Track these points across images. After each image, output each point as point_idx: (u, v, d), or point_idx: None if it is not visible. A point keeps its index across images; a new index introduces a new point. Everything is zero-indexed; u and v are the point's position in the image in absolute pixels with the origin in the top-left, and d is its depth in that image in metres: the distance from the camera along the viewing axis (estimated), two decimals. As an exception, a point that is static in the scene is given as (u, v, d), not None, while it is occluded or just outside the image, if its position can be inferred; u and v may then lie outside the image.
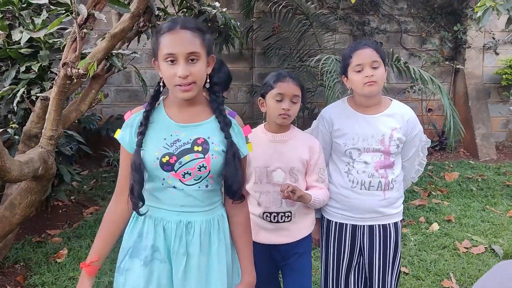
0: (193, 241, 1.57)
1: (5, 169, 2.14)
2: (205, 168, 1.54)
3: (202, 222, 1.59)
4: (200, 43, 1.51)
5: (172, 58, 1.47)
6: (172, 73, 1.48)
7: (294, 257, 2.08)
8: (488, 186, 5.09)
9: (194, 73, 1.48)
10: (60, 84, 2.41)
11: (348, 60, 2.05)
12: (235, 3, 6.31)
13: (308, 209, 2.10)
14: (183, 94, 1.50)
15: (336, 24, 6.12)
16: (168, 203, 1.58)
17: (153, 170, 1.53)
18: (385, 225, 2.13)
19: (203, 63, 1.52)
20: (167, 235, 1.58)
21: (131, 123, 1.58)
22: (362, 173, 2.08)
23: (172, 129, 1.56)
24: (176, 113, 1.59)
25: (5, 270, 3.23)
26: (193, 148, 1.54)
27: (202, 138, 1.55)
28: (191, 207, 1.58)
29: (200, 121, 1.58)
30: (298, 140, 2.05)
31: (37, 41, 3.24)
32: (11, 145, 3.36)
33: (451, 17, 6.72)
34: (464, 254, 3.49)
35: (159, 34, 1.53)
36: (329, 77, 4.34)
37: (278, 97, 1.96)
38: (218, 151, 1.55)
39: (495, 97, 6.90)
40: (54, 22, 2.26)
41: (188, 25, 1.51)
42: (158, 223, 1.58)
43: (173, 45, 1.48)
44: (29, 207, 2.71)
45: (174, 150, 1.53)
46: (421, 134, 2.17)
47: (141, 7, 2.64)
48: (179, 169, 1.53)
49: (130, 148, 1.56)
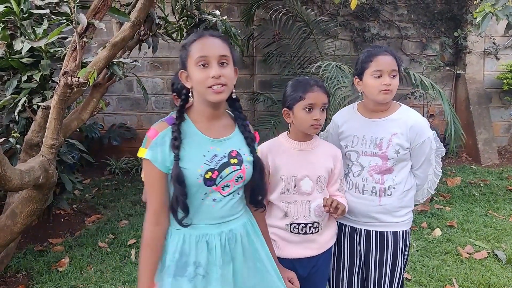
0: (236, 247, 1.64)
1: (6, 178, 2.15)
2: (241, 179, 1.63)
3: (239, 226, 1.67)
4: (229, 50, 1.58)
5: (204, 61, 1.51)
6: (204, 75, 1.51)
7: (315, 268, 2.02)
8: (491, 191, 5.08)
9: (226, 75, 1.53)
10: (61, 93, 2.42)
11: (367, 64, 2.03)
12: (236, 11, 6.35)
13: (332, 219, 2.07)
14: (215, 96, 1.53)
15: (336, 30, 6.14)
16: (207, 217, 1.61)
17: (196, 186, 1.56)
18: (382, 233, 2.09)
19: (232, 68, 1.58)
20: (210, 248, 1.60)
21: (161, 141, 1.55)
22: (357, 176, 2.08)
23: (208, 144, 1.59)
24: (206, 128, 1.62)
25: (7, 279, 3.23)
26: (230, 161, 1.60)
27: (235, 151, 1.63)
28: (229, 216, 1.64)
29: (229, 135, 1.65)
30: (322, 149, 2.02)
31: (38, 51, 3.27)
32: (13, 154, 3.37)
33: (451, 22, 6.74)
34: (467, 260, 3.47)
35: (188, 44, 1.57)
36: (330, 83, 4.35)
37: (308, 107, 1.90)
38: (249, 161, 1.65)
39: (497, 102, 6.89)
40: (54, 32, 2.28)
41: (217, 34, 1.60)
42: (200, 239, 1.60)
43: (205, 48, 1.53)
44: (30, 216, 2.71)
45: (215, 165, 1.57)
46: (431, 142, 2.08)
47: (141, 16, 2.66)
48: (220, 182, 1.58)
49: (163, 167, 1.54)
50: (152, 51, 3.77)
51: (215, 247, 1.60)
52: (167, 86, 6.27)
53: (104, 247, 3.74)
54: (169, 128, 1.56)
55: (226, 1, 6.06)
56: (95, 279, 3.23)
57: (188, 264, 1.59)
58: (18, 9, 3.02)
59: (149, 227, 1.60)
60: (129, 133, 6.11)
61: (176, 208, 1.55)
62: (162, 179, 1.56)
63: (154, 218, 1.59)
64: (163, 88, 6.31)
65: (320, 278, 2.06)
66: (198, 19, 4.03)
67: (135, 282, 3.17)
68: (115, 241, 3.87)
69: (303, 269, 1.99)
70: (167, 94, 6.28)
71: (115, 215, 4.46)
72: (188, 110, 1.64)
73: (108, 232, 4.03)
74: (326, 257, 2.07)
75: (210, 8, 5.67)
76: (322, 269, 2.05)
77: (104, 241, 3.85)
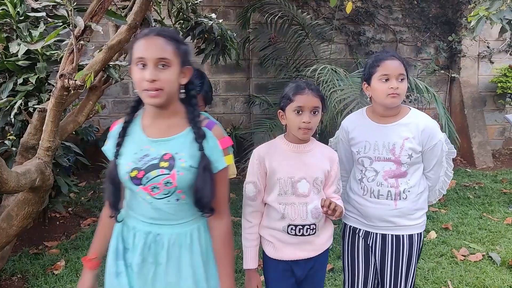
0: (162, 253, 1.60)
1: (2, 180, 2.15)
2: (171, 184, 1.54)
3: (172, 235, 1.59)
4: (173, 51, 1.51)
5: (142, 62, 1.49)
6: (140, 77, 1.49)
7: (312, 270, 2.03)
8: (485, 193, 5.11)
9: (162, 79, 1.48)
10: (58, 95, 2.42)
11: (374, 69, 2.04)
12: (232, 15, 6.37)
13: (329, 221, 2.07)
14: (150, 99, 1.50)
15: (331, 34, 6.17)
16: (140, 213, 1.62)
17: (126, 182, 1.58)
18: (398, 236, 2.09)
19: (174, 71, 1.51)
20: (135, 244, 1.62)
21: (113, 134, 1.63)
22: (371, 182, 2.08)
23: (143, 143, 1.58)
24: (149, 127, 1.60)
25: (2, 283, 3.22)
26: (159, 164, 1.54)
27: (170, 154, 1.55)
28: (161, 220, 1.60)
29: (171, 136, 1.57)
30: (319, 151, 2.03)
31: (34, 53, 3.26)
32: (8, 157, 3.36)
33: (445, 26, 6.79)
34: (462, 262, 3.49)
35: (134, 40, 1.57)
36: (325, 86, 4.37)
37: (297, 110, 1.91)
38: (184, 167, 1.53)
39: (491, 105, 6.94)
40: (51, 34, 2.28)
41: (163, 33, 1.53)
42: (130, 230, 1.64)
43: (144, 50, 1.49)
44: (26, 219, 2.71)
45: (142, 165, 1.54)
46: (443, 145, 2.09)
47: (138, 19, 2.66)
48: (147, 183, 1.55)
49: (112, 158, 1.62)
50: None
51: (138, 244, 1.61)
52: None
53: (99, 250, 3.73)
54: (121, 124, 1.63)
55: (222, 5, 6.07)
56: (91, 282, 3.22)
57: (126, 250, 1.64)
58: (14, 12, 3.02)
59: (105, 210, 1.73)
60: (124, 136, 6.09)
61: (108, 204, 1.62)
62: None
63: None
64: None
65: (317, 280, 2.07)
66: (194, 22, 4.05)
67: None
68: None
69: (300, 271, 2.00)
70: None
71: (111, 218, 4.44)
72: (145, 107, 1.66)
73: (104, 235, 4.01)
74: (323, 259, 2.08)
75: (206, 11, 5.70)
76: (319, 271, 2.06)
77: (99, 244, 3.84)
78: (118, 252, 1.64)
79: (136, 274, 1.60)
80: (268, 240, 2.00)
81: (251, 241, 2.01)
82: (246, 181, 2.00)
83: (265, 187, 1.99)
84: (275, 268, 2.00)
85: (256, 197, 1.98)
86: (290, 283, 2.01)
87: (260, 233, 2.03)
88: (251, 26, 6.24)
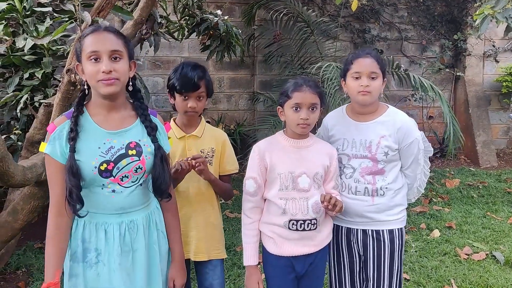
0: (138, 237, 1.67)
1: (9, 174, 2.16)
2: (141, 169, 1.65)
3: (143, 218, 1.70)
4: (123, 45, 1.60)
5: (96, 56, 1.54)
6: (95, 69, 1.54)
7: (312, 265, 2.04)
8: (489, 193, 5.10)
9: (118, 69, 1.55)
10: (64, 90, 2.43)
11: (349, 66, 2.08)
12: (237, 11, 6.36)
13: (328, 217, 2.08)
14: (106, 88, 1.55)
15: (337, 31, 6.16)
16: (107, 208, 1.63)
17: (92, 178, 1.58)
18: (378, 231, 2.10)
19: (126, 63, 1.60)
20: (109, 238, 1.63)
21: (59, 135, 1.59)
22: (349, 178, 2.10)
23: (104, 137, 1.62)
24: (103, 121, 1.64)
25: (6, 276, 3.24)
26: (127, 153, 1.62)
27: (134, 142, 1.65)
28: (131, 207, 1.67)
29: (128, 126, 1.66)
30: (318, 147, 2.05)
31: (40, 48, 3.26)
32: (14, 151, 3.37)
33: (451, 25, 6.77)
34: (465, 261, 3.49)
35: (82, 37, 1.60)
36: (330, 84, 4.37)
37: (295, 107, 1.93)
38: (150, 152, 1.67)
39: (496, 104, 6.92)
40: (58, 29, 2.29)
41: (111, 29, 1.62)
42: (99, 227, 1.64)
43: (96, 43, 1.55)
44: (31, 213, 2.72)
45: (110, 157, 1.60)
46: (419, 142, 2.11)
47: (144, 15, 2.67)
48: (117, 174, 1.61)
49: (63, 159, 1.57)
50: (153, 50, 3.78)
51: (113, 236, 1.63)
52: (167, 85, 6.27)
53: (103, 245, 3.75)
54: (67, 121, 1.60)
55: (228, 1, 6.07)
56: (95, 277, 3.23)
57: (88, 251, 1.64)
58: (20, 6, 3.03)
59: (52, 218, 1.61)
60: (129, 132, 6.10)
61: (70, 199, 1.56)
62: (62, 171, 1.57)
63: (57, 209, 1.60)
64: (163, 87, 6.31)
65: (317, 276, 2.08)
66: (199, 18, 4.04)
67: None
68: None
69: (301, 267, 2.01)
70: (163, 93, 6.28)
71: (115, 213, 4.46)
72: (88, 103, 1.67)
73: (108, 230, 4.03)
74: (323, 255, 2.09)
75: (212, 7, 5.69)
76: (319, 266, 2.07)
77: (103, 239, 3.85)
78: (76, 254, 1.64)
79: (118, 266, 1.64)
80: (268, 236, 2.01)
81: (251, 237, 2.02)
82: (246, 176, 2.01)
83: (265, 182, 2.00)
84: (276, 264, 2.01)
85: (256, 193, 1.99)
86: (290, 279, 2.02)
87: (260, 229, 2.03)
88: (256, 23, 6.23)
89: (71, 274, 1.65)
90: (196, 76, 2.01)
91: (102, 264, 1.64)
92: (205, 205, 2.11)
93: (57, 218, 1.61)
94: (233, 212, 4.38)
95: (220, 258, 2.17)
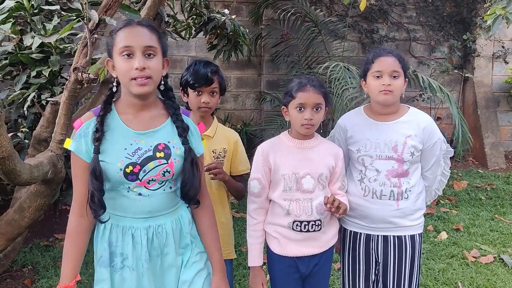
0: (168, 242, 1.60)
1: (16, 172, 2.16)
2: (169, 173, 1.55)
3: (172, 222, 1.62)
4: (157, 40, 1.51)
5: (129, 51, 1.46)
6: (128, 66, 1.45)
7: (317, 266, 2.02)
8: (497, 195, 5.06)
9: (151, 67, 1.47)
10: (71, 88, 2.43)
11: (369, 65, 2.04)
12: (244, 10, 6.35)
13: (334, 218, 2.06)
14: (139, 88, 1.46)
15: (344, 31, 6.13)
16: (133, 211, 1.56)
17: (118, 180, 1.51)
18: (400, 237, 2.06)
19: (159, 60, 1.52)
20: (136, 242, 1.57)
21: (85, 132, 1.52)
22: (373, 182, 2.04)
23: (132, 137, 1.53)
24: (132, 120, 1.55)
25: (13, 274, 3.25)
26: (155, 155, 1.53)
27: (163, 144, 1.55)
28: (158, 211, 1.58)
29: (157, 126, 1.57)
30: (323, 147, 2.02)
31: (48, 46, 3.28)
32: (21, 149, 3.38)
33: (460, 25, 6.71)
34: (473, 264, 3.46)
35: (114, 32, 1.52)
36: (337, 84, 4.35)
37: (299, 107, 1.91)
38: (180, 154, 1.56)
39: (505, 106, 6.86)
40: (66, 27, 2.29)
41: (145, 23, 1.53)
42: (126, 231, 1.57)
43: (130, 38, 1.47)
44: (38, 211, 2.72)
45: (136, 159, 1.51)
46: (442, 143, 2.08)
47: (151, 14, 2.67)
48: (144, 177, 1.52)
49: (88, 157, 1.51)
50: (160, 48, 3.78)
51: (141, 241, 1.57)
52: (174, 84, 6.27)
53: (109, 243, 3.75)
54: (94, 119, 1.53)
55: (235, 0, 6.06)
56: (100, 275, 3.24)
57: (115, 255, 1.58)
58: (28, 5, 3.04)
59: (73, 218, 1.57)
60: (136, 130, 6.11)
61: (92, 204, 1.50)
62: (87, 170, 1.50)
63: (79, 209, 1.56)
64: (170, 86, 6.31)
65: (321, 277, 2.06)
66: (206, 17, 4.04)
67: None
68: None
69: (305, 267, 2.00)
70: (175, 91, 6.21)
71: (121, 212, 4.46)
72: (116, 101, 1.59)
73: (114, 229, 4.03)
74: (328, 256, 2.07)
75: (219, 7, 5.68)
76: (324, 267, 2.05)
77: (109, 238, 3.86)
78: (102, 258, 1.59)
79: (146, 270, 1.58)
80: (273, 236, 2.00)
81: (256, 238, 2.01)
82: (251, 177, 2.01)
83: (269, 183, 1.99)
84: (280, 264, 2.00)
85: (260, 194, 1.98)
86: (294, 279, 2.00)
87: (265, 229, 2.02)
88: (264, 22, 6.22)
89: (98, 279, 1.60)
90: (210, 70, 2.00)
91: (128, 269, 1.58)
92: (216, 205, 2.09)
93: (78, 218, 1.57)
94: (239, 212, 4.37)
95: (230, 259, 2.16)
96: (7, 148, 2.04)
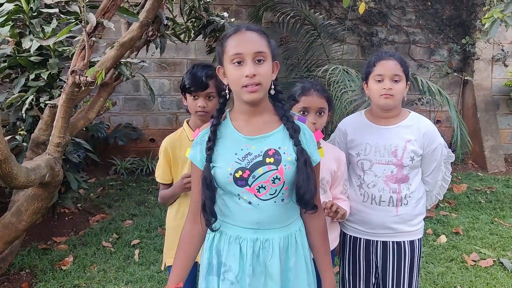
0: (273, 260, 1.53)
1: (12, 176, 2.16)
2: (279, 180, 1.50)
3: (280, 239, 1.54)
4: (267, 45, 1.49)
5: (239, 58, 1.45)
6: (239, 74, 1.45)
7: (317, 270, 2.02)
8: (497, 198, 5.04)
9: (261, 73, 1.45)
10: (69, 91, 2.43)
11: (371, 68, 2.03)
12: (244, 13, 6.36)
13: (334, 222, 2.05)
14: (250, 95, 1.45)
15: (344, 34, 6.13)
16: (242, 220, 1.53)
17: (227, 186, 1.50)
18: (399, 242, 2.06)
19: (269, 65, 1.49)
20: (243, 254, 1.54)
21: (200, 140, 1.56)
22: (372, 187, 2.03)
23: (242, 142, 1.53)
24: (243, 126, 1.55)
25: (10, 277, 3.24)
26: (265, 160, 1.50)
27: (273, 149, 1.51)
28: (268, 223, 1.53)
29: (269, 132, 1.54)
30: (325, 151, 1.99)
31: (46, 49, 3.27)
32: (19, 152, 3.38)
33: (459, 28, 6.72)
34: (472, 267, 3.45)
35: (224, 39, 1.51)
36: (336, 87, 4.35)
37: (302, 111, 1.91)
38: (290, 161, 1.50)
39: (504, 109, 6.86)
40: (63, 30, 2.28)
41: (254, 28, 1.51)
42: (233, 240, 1.55)
43: (240, 45, 1.46)
44: (35, 214, 2.72)
45: (246, 164, 1.49)
46: (443, 148, 2.07)
47: (150, 17, 2.66)
48: (253, 183, 1.49)
49: (202, 165, 1.54)
50: (159, 52, 3.78)
51: (246, 254, 1.52)
52: (173, 87, 6.28)
53: (108, 246, 3.74)
54: (209, 127, 1.56)
55: (234, 3, 6.06)
56: (98, 279, 3.23)
57: (222, 264, 1.56)
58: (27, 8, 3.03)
59: (186, 225, 1.61)
60: (135, 133, 6.11)
61: (203, 212, 1.52)
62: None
63: (193, 216, 1.59)
64: (169, 89, 6.32)
65: None
66: (206, 20, 4.03)
67: (138, 282, 3.17)
68: (119, 241, 3.87)
69: None
70: (174, 94, 6.29)
71: (120, 215, 4.46)
72: (231, 110, 1.61)
73: (112, 232, 4.03)
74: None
75: (218, 10, 5.69)
76: None
77: (108, 241, 3.85)
78: (211, 266, 1.57)
79: (248, 286, 1.53)
80: None
81: None
82: None
83: None
84: None
85: None
86: None
87: None
88: (263, 25, 6.21)
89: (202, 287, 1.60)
90: (204, 75, 2.00)
91: (227, 282, 1.54)
92: None
93: (192, 225, 1.60)
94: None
95: None
96: (3, 151, 2.03)
